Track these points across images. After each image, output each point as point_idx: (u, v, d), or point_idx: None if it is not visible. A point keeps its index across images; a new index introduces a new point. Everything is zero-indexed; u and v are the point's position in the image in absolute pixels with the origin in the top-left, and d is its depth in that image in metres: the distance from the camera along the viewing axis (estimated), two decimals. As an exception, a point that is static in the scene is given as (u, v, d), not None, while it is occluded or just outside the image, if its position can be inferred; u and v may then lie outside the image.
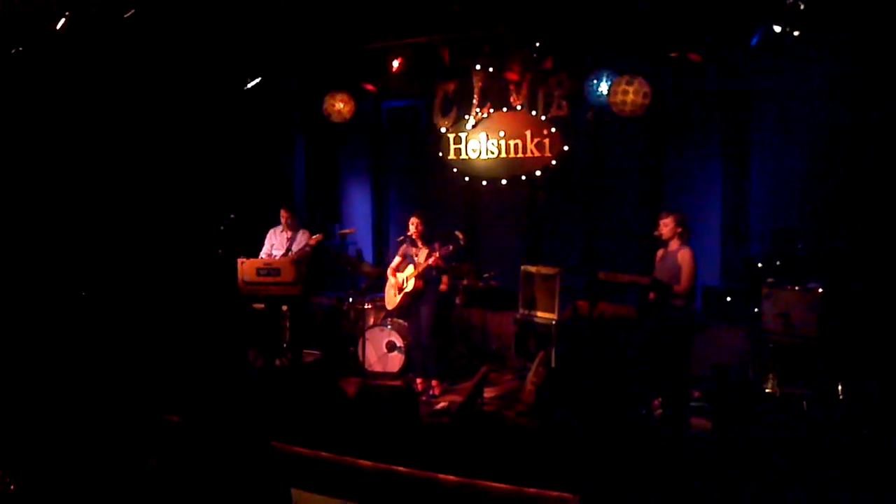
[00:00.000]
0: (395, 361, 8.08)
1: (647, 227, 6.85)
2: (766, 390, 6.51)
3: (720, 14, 7.00)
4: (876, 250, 6.97)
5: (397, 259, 7.76)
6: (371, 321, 8.37)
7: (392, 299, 7.74)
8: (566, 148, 8.52)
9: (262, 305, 8.08)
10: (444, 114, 9.20)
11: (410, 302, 7.57)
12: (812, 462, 5.16)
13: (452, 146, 9.21)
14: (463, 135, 9.11)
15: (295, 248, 8.10)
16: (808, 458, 5.23)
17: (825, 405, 6.08)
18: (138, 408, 5.85)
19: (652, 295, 6.35)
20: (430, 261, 7.31)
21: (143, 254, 8.84)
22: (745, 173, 8.07)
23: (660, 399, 6.42)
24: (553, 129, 8.54)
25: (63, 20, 6.96)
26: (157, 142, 9.06)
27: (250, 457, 4.65)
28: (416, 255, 7.56)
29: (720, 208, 8.17)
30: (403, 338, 8.05)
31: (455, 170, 9.25)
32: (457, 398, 7.14)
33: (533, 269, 7.87)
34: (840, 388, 6.18)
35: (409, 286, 7.49)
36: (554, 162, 8.59)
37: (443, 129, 9.24)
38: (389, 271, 7.78)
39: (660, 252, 6.62)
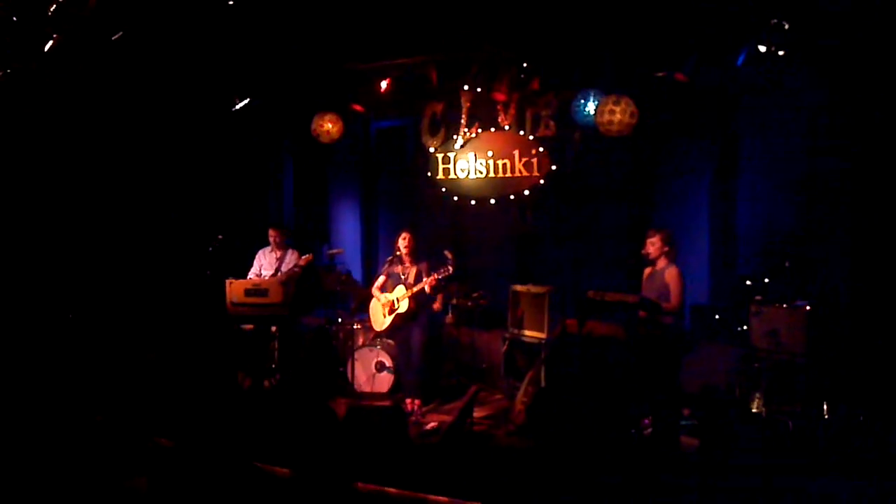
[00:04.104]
0: (385, 382, 8.07)
1: (635, 245, 6.89)
2: (752, 409, 6.52)
3: (705, 34, 7.08)
4: (864, 268, 7.03)
5: (381, 279, 7.77)
6: (360, 341, 8.36)
7: (381, 320, 7.74)
8: (554, 167, 8.58)
9: (251, 326, 8.07)
10: (433, 134, 9.24)
11: (401, 323, 7.57)
12: (795, 482, 5.17)
13: (441, 166, 9.25)
14: (451, 154, 9.16)
15: (284, 268, 8.10)
16: (792, 478, 5.25)
17: (810, 424, 6.09)
18: (125, 430, 5.83)
19: (642, 313, 6.38)
20: (427, 283, 7.33)
21: (131, 274, 8.82)
22: (733, 191, 8.11)
23: (650, 418, 6.43)
24: (541, 149, 8.59)
25: (51, 42, 6.98)
26: (145, 161, 9.07)
27: (238, 478, 4.63)
28: (405, 275, 7.56)
29: (708, 226, 8.21)
30: (393, 358, 8.04)
31: (444, 189, 9.28)
32: (446, 418, 7.12)
33: (522, 288, 7.90)
34: (825, 407, 6.20)
35: (403, 307, 7.50)
36: (542, 181, 8.64)
37: (431, 149, 9.28)
38: (374, 291, 7.79)
39: (647, 270, 6.67)
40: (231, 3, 7.14)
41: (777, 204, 7.81)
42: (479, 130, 8.99)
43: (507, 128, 8.79)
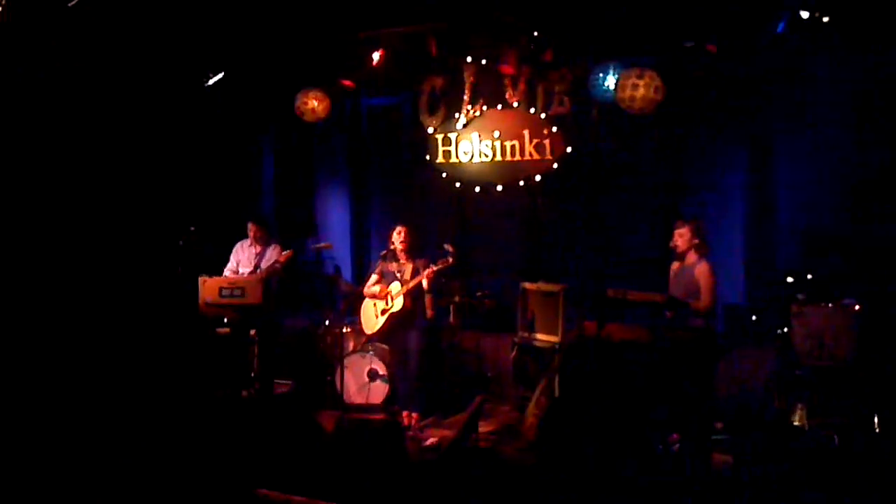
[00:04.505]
0: (378, 392, 8.06)
1: (661, 238, 6.87)
2: (794, 422, 6.51)
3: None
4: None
5: (374, 278, 7.75)
6: (350, 346, 8.36)
7: (372, 322, 7.73)
8: (569, 150, 8.56)
9: (227, 330, 8.06)
10: (432, 112, 9.23)
11: (396, 324, 7.56)
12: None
13: (441, 148, 9.24)
14: (453, 135, 9.14)
15: (264, 264, 8.09)
16: (839, 499, 5.24)
17: (860, 439, 6.08)
18: (84, 449, 5.82)
19: (669, 314, 6.36)
20: (425, 276, 7.30)
21: (89, 272, 8.76)
22: (771, 177, 8.09)
23: (678, 432, 6.41)
24: (554, 129, 8.58)
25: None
26: (103, 145, 8.98)
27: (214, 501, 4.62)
28: (400, 272, 7.55)
29: (743, 216, 8.20)
30: (387, 365, 8.03)
31: (444, 175, 9.27)
32: (448, 433, 7.12)
33: (533, 286, 7.89)
34: (877, 419, 6.18)
35: (397, 306, 7.49)
36: (555, 165, 8.62)
37: (430, 130, 9.27)
38: (368, 290, 7.78)
39: (675, 266, 6.65)
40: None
41: (822, 191, 7.79)
42: (485, 108, 8.97)
43: (515, 105, 8.77)
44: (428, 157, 9.32)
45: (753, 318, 7.71)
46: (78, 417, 6.74)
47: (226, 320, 8.06)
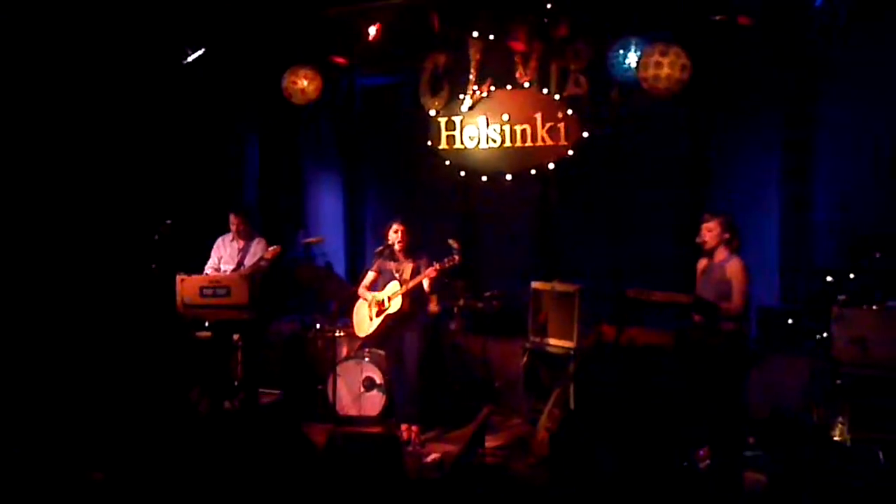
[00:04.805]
0: (375, 403, 8.06)
1: (688, 232, 6.87)
2: (834, 437, 6.51)
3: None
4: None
5: (371, 276, 7.75)
6: (344, 352, 8.37)
7: (366, 324, 7.73)
8: (585, 135, 8.56)
9: (208, 334, 8.06)
10: (434, 93, 9.22)
11: (393, 327, 7.56)
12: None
13: (444, 133, 9.24)
14: (457, 119, 9.14)
15: (248, 261, 8.10)
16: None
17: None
18: (52, 463, 5.83)
19: (697, 317, 6.35)
20: (427, 275, 7.28)
21: (52, 270, 8.75)
22: (809, 165, 8.09)
23: (707, 447, 6.42)
24: (569, 112, 8.58)
25: None
26: (67, 127, 8.93)
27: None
28: (399, 271, 7.54)
29: (779, 208, 8.21)
30: (384, 373, 8.03)
31: (448, 162, 9.27)
32: (451, 448, 7.12)
33: (546, 286, 7.88)
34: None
35: (394, 307, 7.48)
36: (570, 152, 8.62)
37: (432, 112, 9.27)
38: (361, 291, 7.77)
39: (703, 263, 6.64)
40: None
41: (864, 183, 7.78)
42: (493, 88, 8.97)
43: (527, 85, 8.76)
44: (430, 143, 9.32)
45: (789, 321, 7.71)
46: (40, 436, 6.73)
47: (206, 323, 8.05)
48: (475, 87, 8.98)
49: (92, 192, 8.99)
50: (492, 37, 8.72)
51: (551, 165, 8.76)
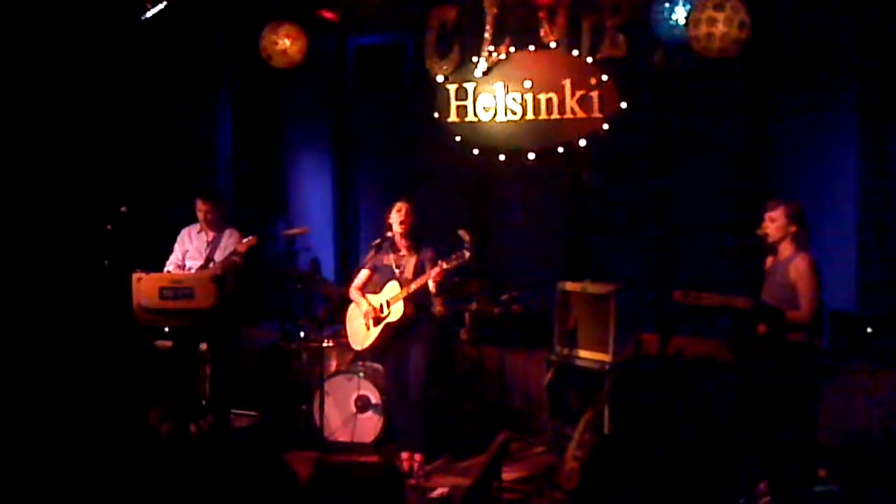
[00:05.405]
0: (370, 427, 8.08)
1: (746, 222, 6.85)
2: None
3: None
4: None
5: (365, 273, 7.76)
6: (333, 366, 8.39)
7: (362, 334, 7.74)
8: (624, 105, 8.54)
9: (170, 343, 8.07)
10: (442, 55, 9.22)
11: (393, 336, 7.57)
12: None
13: (454, 103, 9.23)
14: (470, 86, 9.13)
15: (218, 256, 8.12)
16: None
17: None
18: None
19: (762, 328, 6.33)
20: (432, 275, 7.28)
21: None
22: (892, 142, 8.07)
23: (767, 480, 6.41)
24: (605, 78, 8.56)
25: None
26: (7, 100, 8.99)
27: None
28: (399, 268, 7.55)
29: (855, 195, 8.18)
30: (382, 391, 8.04)
31: (458, 138, 9.26)
32: (462, 481, 7.12)
33: (576, 286, 7.89)
34: None
35: (395, 314, 7.49)
36: (606, 126, 8.61)
37: (440, 78, 9.26)
38: (354, 292, 7.78)
39: (769, 260, 6.62)
40: None
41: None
42: (512, 50, 8.96)
43: (553, 45, 8.74)
44: (437, 115, 9.31)
45: (868, 330, 7.70)
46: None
47: (167, 330, 8.06)
48: (491, 48, 8.96)
49: (30, 173, 8.98)
50: (511, -12, 8.73)
51: (582, 142, 8.73)
